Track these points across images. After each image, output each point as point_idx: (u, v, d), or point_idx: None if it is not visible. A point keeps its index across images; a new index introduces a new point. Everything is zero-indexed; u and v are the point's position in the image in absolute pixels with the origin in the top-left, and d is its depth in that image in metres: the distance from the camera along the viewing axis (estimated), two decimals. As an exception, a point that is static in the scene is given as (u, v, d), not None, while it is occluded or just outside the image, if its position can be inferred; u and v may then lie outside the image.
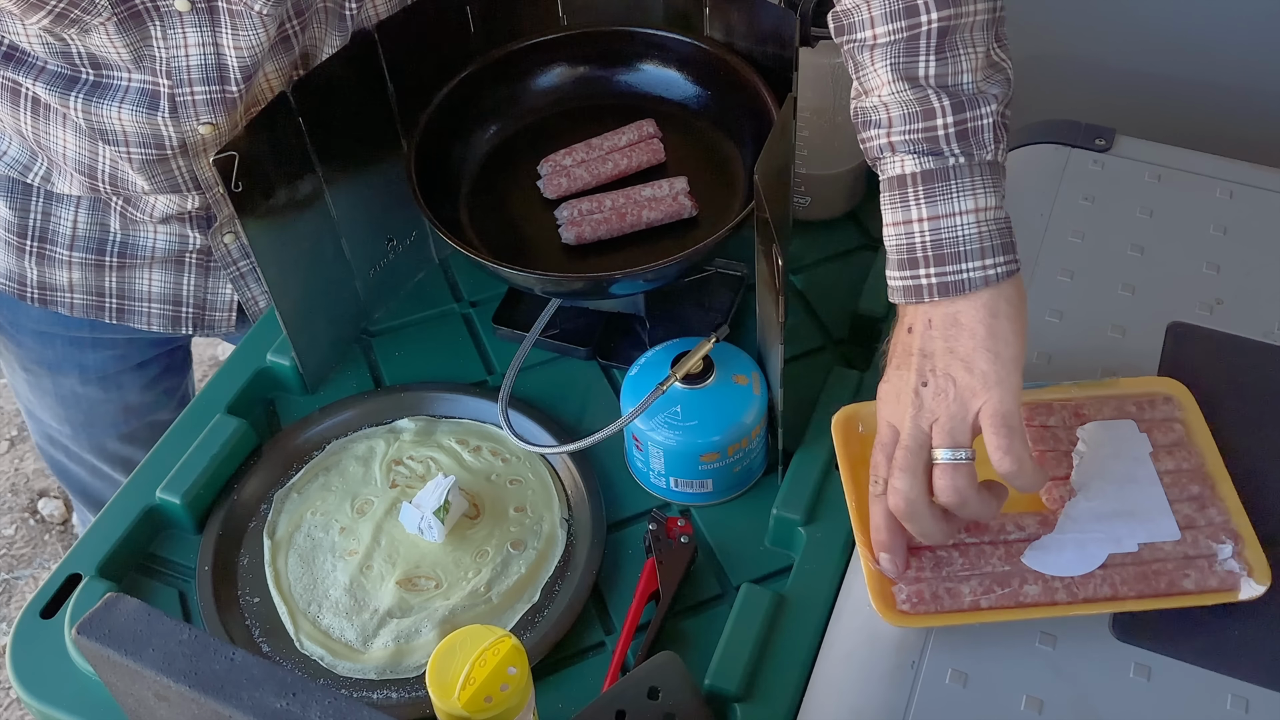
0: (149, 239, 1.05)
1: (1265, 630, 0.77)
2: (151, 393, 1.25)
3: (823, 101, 1.05)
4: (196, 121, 0.92)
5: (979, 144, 0.76)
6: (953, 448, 0.74)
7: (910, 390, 0.75)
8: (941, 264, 0.75)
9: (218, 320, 1.12)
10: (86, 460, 1.32)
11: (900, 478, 0.74)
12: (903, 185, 0.76)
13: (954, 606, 0.77)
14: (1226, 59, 1.24)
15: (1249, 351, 0.91)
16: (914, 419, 0.75)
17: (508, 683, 0.65)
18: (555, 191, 1.00)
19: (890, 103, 0.77)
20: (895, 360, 0.78)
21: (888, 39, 0.76)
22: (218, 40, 0.89)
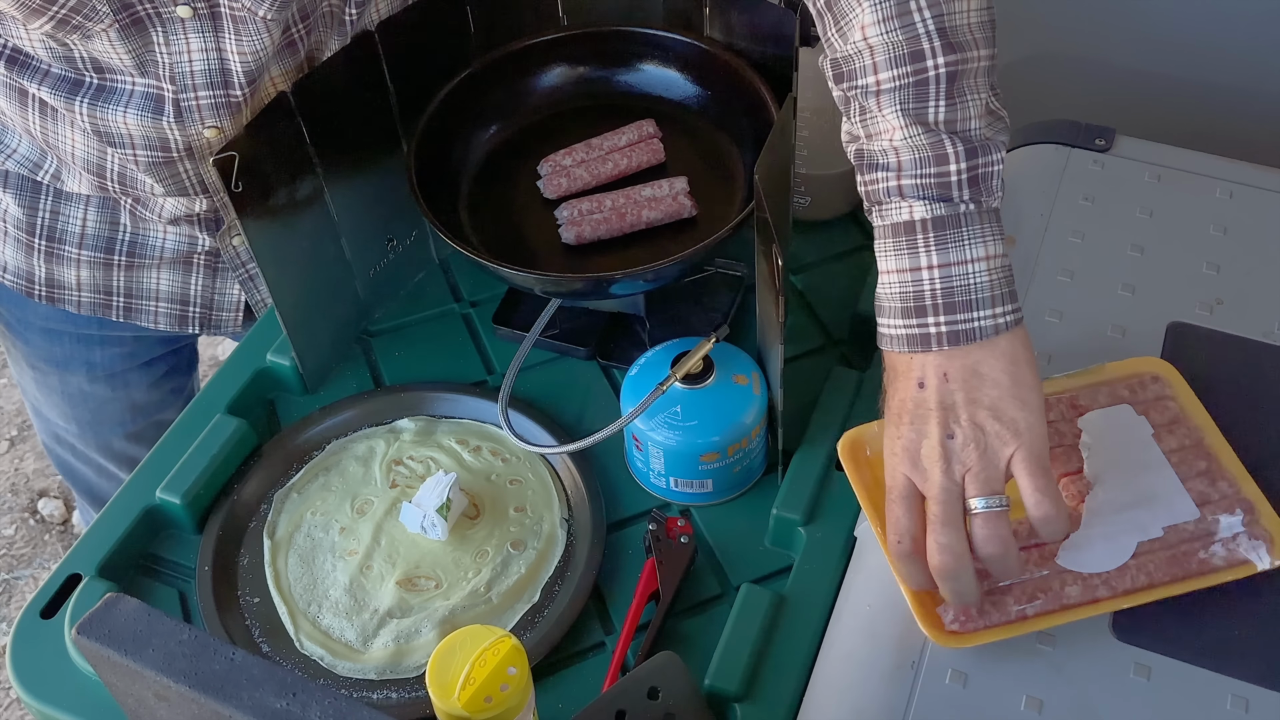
0: (158, 239, 1.05)
1: (1265, 630, 0.77)
2: (158, 391, 1.25)
3: (823, 101, 1.04)
4: (202, 125, 0.93)
5: (988, 190, 0.75)
6: (989, 495, 0.72)
7: (935, 444, 0.73)
8: (952, 312, 0.74)
9: (225, 320, 1.12)
10: (93, 459, 1.32)
11: (944, 533, 0.73)
12: (910, 231, 0.75)
13: (1002, 620, 0.76)
14: (1226, 59, 1.24)
15: (1249, 351, 0.91)
16: (944, 471, 0.73)
17: (508, 683, 0.65)
18: (555, 191, 1.00)
19: (901, 147, 0.75)
20: (905, 416, 0.75)
21: (893, 84, 0.75)
22: (220, 45, 0.89)
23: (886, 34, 0.75)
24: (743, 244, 0.92)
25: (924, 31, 0.74)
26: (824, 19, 0.79)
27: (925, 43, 0.74)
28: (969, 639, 0.75)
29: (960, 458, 0.73)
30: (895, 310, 0.76)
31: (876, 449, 0.83)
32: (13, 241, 1.05)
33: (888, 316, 0.76)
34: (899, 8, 0.75)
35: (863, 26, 0.76)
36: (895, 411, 0.76)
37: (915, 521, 0.74)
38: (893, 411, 0.76)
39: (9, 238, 1.05)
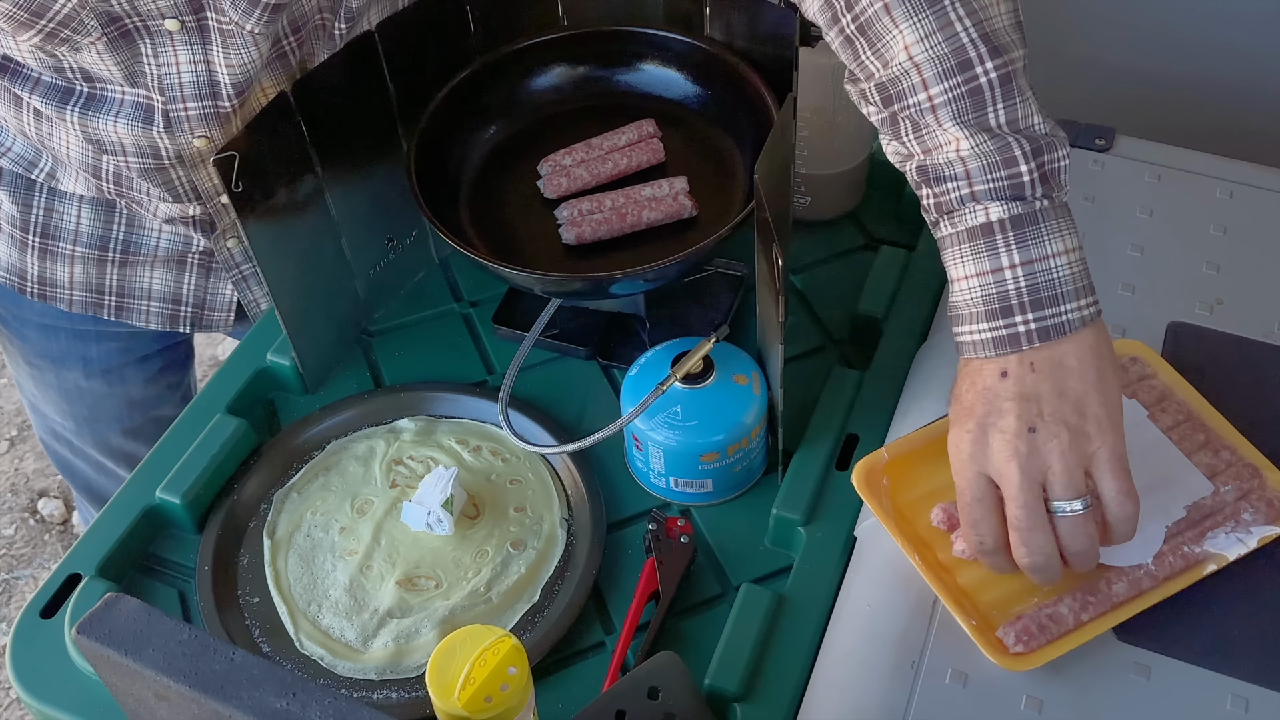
0: (153, 237, 1.05)
1: (1265, 630, 0.77)
2: (155, 387, 1.25)
3: (823, 101, 1.04)
4: (191, 135, 0.93)
5: (1059, 185, 0.74)
6: (1075, 498, 0.72)
7: (1011, 438, 0.72)
8: (1040, 308, 0.72)
9: (216, 320, 1.12)
10: (90, 456, 1.33)
11: (1032, 537, 0.73)
12: (989, 233, 0.74)
13: (1062, 631, 0.76)
14: (1226, 58, 1.24)
15: (1249, 351, 0.91)
16: (1023, 470, 0.72)
17: (508, 683, 0.65)
18: (555, 191, 1.00)
19: (968, 156, 0.74)
20: (977, 407, 0.74)
21: (947, 97, 0.74)
22: (209, 58, 0.89)
23: (931, 49, 0.74)
24: (743, 244, 0.92)
25: (968, 40, 0.73)
26: (855, 44, 0.78)
27: (971, 50, 0.73)
28: (1035, 658, 0.75)
29: (1042, 455, 0.72)
30: (978, 315, 0.74)
31: (893, 476, 0.83)
32: (6, 238, 1.05)
33: (969, 323, 0.75)
34: (939, 20, 0.74)
35: (905, 46, 0.74)
36: (968, 405, 0.74)
37: (997, 520, 0.74)
38: (964, 405, 0.75)
39: (3, 234, 1.05)
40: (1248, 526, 0.79)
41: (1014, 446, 0.72)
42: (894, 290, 1.02)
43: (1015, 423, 0.72)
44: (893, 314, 1.00)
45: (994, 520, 0.74)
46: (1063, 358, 0.73)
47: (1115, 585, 0.77)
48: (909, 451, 0.85)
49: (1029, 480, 0.72)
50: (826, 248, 1.11)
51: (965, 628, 0.76)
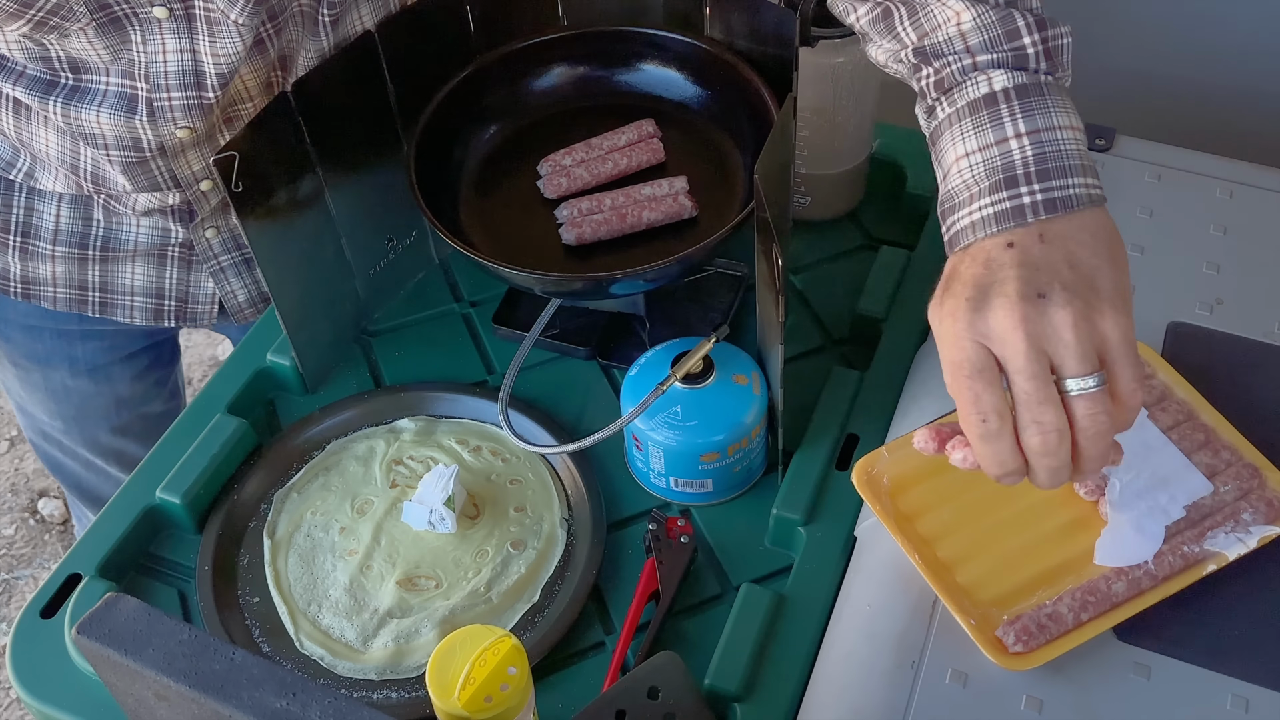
0: (131, 231, 1.05)
1: (1265, 630, 0.77)
2: (142, 384, 1.25)
3: (823, 101, 1.05)
4: (174, 126, 0.93)
5: (1062, 65, 0.72)
6: (1088, 374, 0.64)
7: (1017, 299, 0.64)
8: (1046, 179, 0.67)
9: (200, 313, 1.12)
10: (80, 454, 1.33)
11: (1047, 411, 0.64)
12: (993, 103, 0.70)
13: (1061, 630, 0.76)
14: (1226, 59, 1.24)
15: (1249, 351, 0.91)
16: (1030, 337, 0.64)
17: (508, 683, 0.65)
18: (555, 191, 1.00)
19: (969, 30, 0.71)
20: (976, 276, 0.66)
21: None
22: (195, 47, 0.89)
23: None
24: (743, 244, 0.92)
25: None
26: None
27: None
28: (1035, 657, 0.75)
29: (1052, 324, 0.64)
30: (980, 192, 0.69)
31: (893, 475, 0.83)
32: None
33: (966, 206, 0.69)
34: None
35: None
36: (965, 276, 0.67)
37: (1000, 394, 0.65)
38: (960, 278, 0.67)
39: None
40: (1247, 526, 0.79)
41: (1021, 311, 0.64)
42: (894, 290, 1.02)
43: (1022, 287, 0.64)
44: (893, 314, 1.00)
45: (998, 394, 0.65)
46: (1074, 232, 0.66)
47: (1115, 585, 0.77)
48: (909, 450, 0.85)
49: (1036, 349, 0.64)
50: (826, 248, 1.11)
51: (965, 627, 0.76)
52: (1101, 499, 0.81)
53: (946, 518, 0.82)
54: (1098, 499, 0.82)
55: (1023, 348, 0.64)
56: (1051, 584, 0.78)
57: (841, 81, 1.03)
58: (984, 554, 0.80)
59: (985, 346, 0.65)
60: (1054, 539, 0.81)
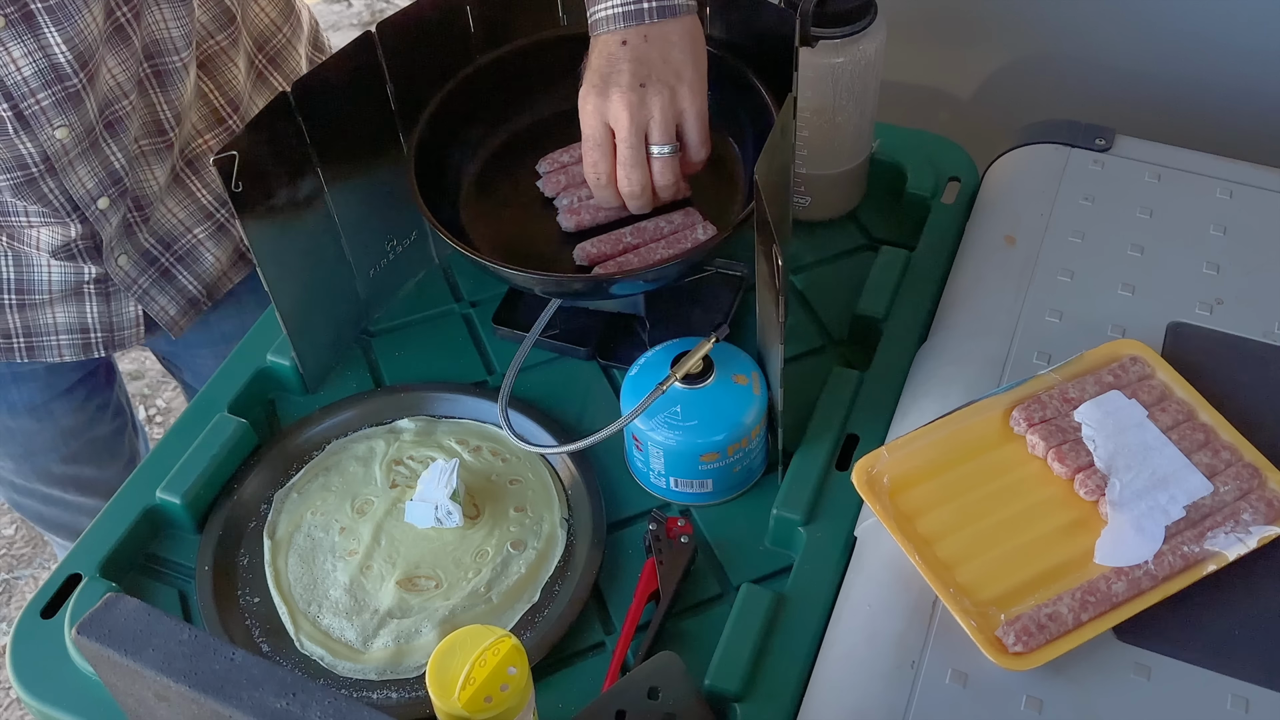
0: (44, 275, 1.04)
1: (1265, 630, 0.77)
2: (84, 413, 1.24)
3: (823, 101, 1.05)
4: (51, 127, 0.92)
5: None
6: (667, 143, 0.89)
7: (626, 89, 0.87)
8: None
9: (126, 338, 1.12)
10: (36, 490, 1.31)
11: (635, 171, 0.90)
12: None
13: (1061, 630, 0.76)
14: (1226, 58, 1.24)
15: (1249, 351, 0.91)
16: (633, 116, 0.87)
17: (508, 683, 0.65)
18: (554, 189, 1.00)
19: None
20: (602, 68, 0.88)
21: None
22: (43, 43, 0.88)
23: None
24: (743, 244, 0.92)
25: None
26: None
27: None
28: (1035, 657, 0.75)
29: (648, 106, 0.87)
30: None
31: (893, 475, 0.83)
32: None
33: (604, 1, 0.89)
34: None
35: None
36: (595, 68, 0.89)
37: (609, 162, 0.90)
38: (593, 69, 0.89)
39: None
40: (1247, 526, 0.79)
41: (628, 98, 0.87)
42: (894, 290, 1.02)
43: (630, 79, 0.87)
44: (893, 314, 1.00)
45: (608, 161, 0.90)
46: (669, 34, 0.88)
47: (1115, 585, 0.77)
48: (909, 450, 0.85)
49: (636, 125, 0.88)
50: (826, 248, 1.11)
51: (965, 627, 0.76)
52: (1101, 499, 0.81)
53: (946, 518, 0.82)
54: (1098, 499, 0.82)
55: (626, 123, 0.88)
56: (1051, 584, 0.78)
57: (841, 81, 1.03)
58: (984, 554, 0.80)
59: (606, 124, 0.89)
60: (1054, 539, 0.81)
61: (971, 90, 1.35)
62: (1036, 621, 0.76)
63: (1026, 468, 0.84)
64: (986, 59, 1.33)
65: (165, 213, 1.07)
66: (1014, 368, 0.91)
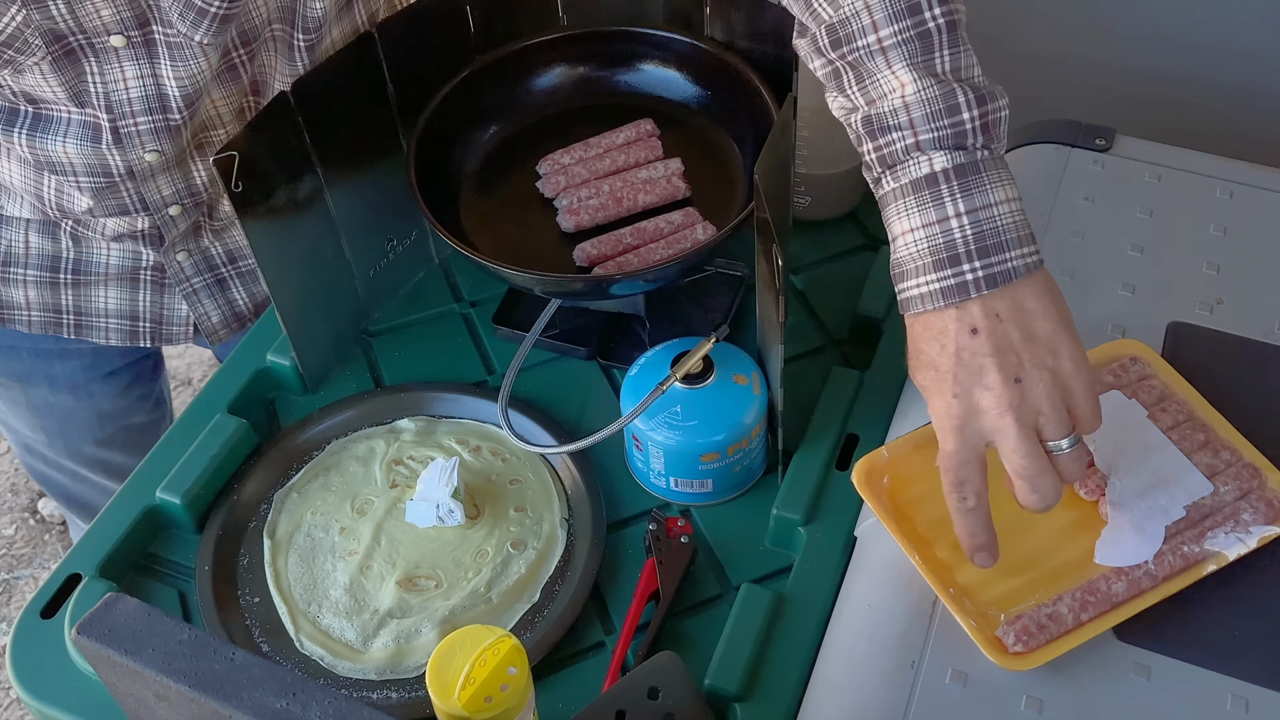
0: (102, 256, 1.05)
1: (1265, 630, 0.77)
2: (125, 399, 1.25)
3: (823, 101, 1.04)
4: (142, 150, 0.92)
5: (998, 137, 0.75)
6: (1065, 435, 0.74)
7: (1000, 393, 0.72)
8: (986, 255, 0.73)
9: (175, 334, 1.12)
10: (65, 466, 1.32)
11: (1045, 480, 0.73)
12: (933, 183, 0.74)
13: (1061, 630, 0.76)
14: (1226, 58, 1.24)
15: (1249, 351, 0.91)
16: (1019, 420, 0.72)
17: (508, 683, 0.65)
18: (554, 190, 1.00)
19: (913, 102, 0.74)
20: (956, 369, 0.73)
21: (896, 38, 0.75)
22: (156, 72, 0.89)
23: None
24: (743, 244, 0.92)
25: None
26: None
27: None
28: (1035, 657, 0.75)
29: (1031, 402, 0.72)
30: (924, 267, 0.74)
31: (893, 475, 0.83)
32: None
33: (914, 277, 0.74)
34: None
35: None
36: (943, 368, 0.74)
37: (982, 478, 0.75)
38: (939, 369, 0.74)
39: None
40: (1248, 526, 0.79)
41: (1005, 400, 0.72)
42: (894, 290, 1.02)
43: (1000, 376, 0.72)
44: (893, 314, 1.00)
45: (981, 478, 0.75)
46: (1022, 301, 0.73)
47: (1115, 585, 0.77)
48: (909, 450, 0.85)
49: (1025, 428, 0.73)
50: (826, 248, 1.11)
51: (965, 627, 0.76)
52: (1101, 499, 0.81)
53: (946, 517, 0.82)
54: (1098, 499, 0.82)
55: (1013, 431, 0.73)
56: (1051, 584, 0.78)
57: (841, 81, 1.03)
58: None
59: (977, 435, 0.74)
60: (1054, 539, 0.81)
61: (971, 90, 1.34)
62: (1037, 621, 0.76)
63: None
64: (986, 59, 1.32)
65: (240, 233, 1.07)
66: (1014, 368, 0.91)
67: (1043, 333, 0.73)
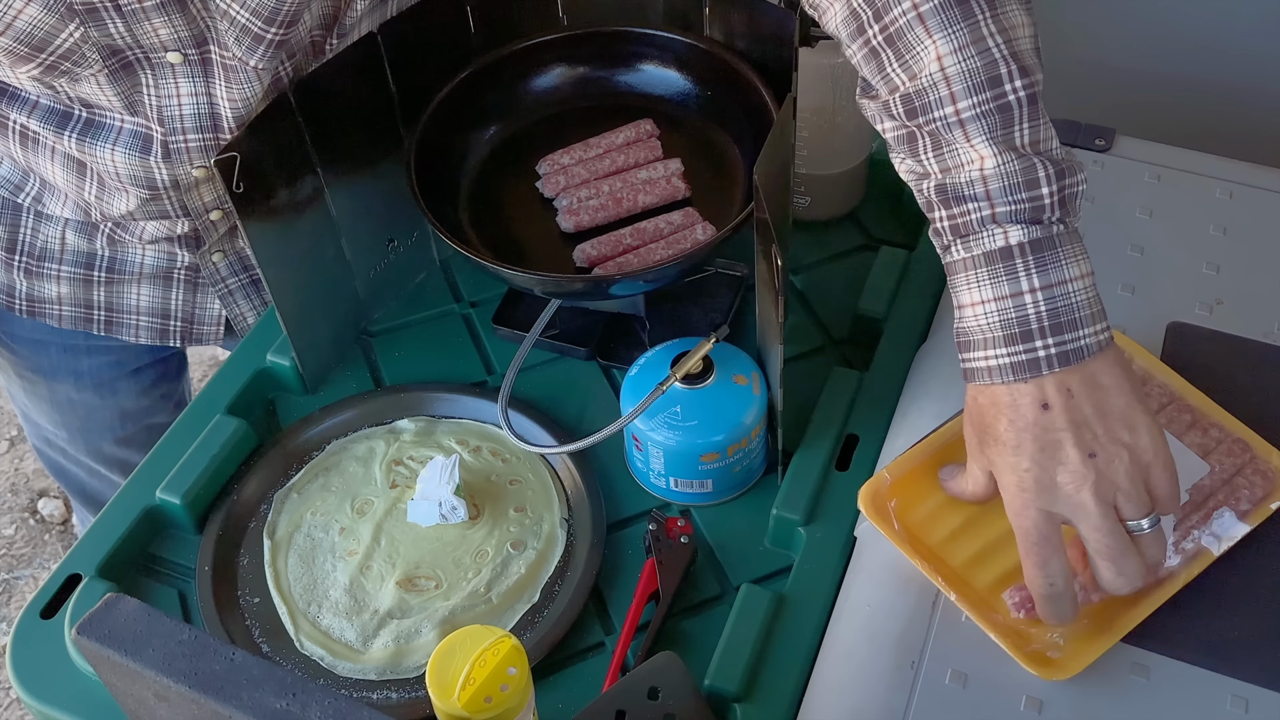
0: (137, 256, 1.05)
1: (1265, 630, 0.77)
2: (148, 398, 1.25)
3: (823, 101, 1.05)
4: (190, 166, 0.93)
5: (1074, 210, 0.74)
6: (1146, 515, 0.73)
7: (1077, 468, 0.71)
8: (1059, 333, 0.71)
9: (205, 334, 1.12)
10: (84, 463, 1.33)
11: (1129, 562, 0.72)
12: (1009, 257, 0.72)
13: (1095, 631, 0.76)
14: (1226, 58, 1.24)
15: (1249, 351, 0.91)
16: (1098, 496, 0.71)
17: (508, 683, 0.65)
18: (554, 190, 1.00)
19: (991, 175, 0.72)
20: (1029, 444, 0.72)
21: (974, 111, 0.73)
22: (210, 91, 0.89)
23: (963, 61, 0.72)
24: (743, 244, 0.92)
25: (999, 56, 0.72)
26: (881, 56, 0.76)
27: (1002, 67, 0.72)
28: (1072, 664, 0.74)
29: (1108, 479, 0.71)
30: (994, 340, 0.73)
31: (900, 497, 0.82)
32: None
33: (983, 349, 0.73)
34: (972, 34, 0.72)
35: (938, 57, 0.73)
36: (1014, 443, 0.73)
37: (1064, 558, 0.73)
38: (1009, 445, 0.73)
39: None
40: (1249, 501, 0.80)
41: (1083, 475, 0.71)
42: (894, 290, 1.02)
43: (1076, 452, 0.71)
44: (893, 314, 1.00)
45: (1064, 559, 0.73)
46: (1095, 376, 0.72)
47: None
48: (910, 469, 0.84)
49: (1105, 505, 0.71)
50: (826, 248, 1.11)
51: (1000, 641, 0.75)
52: None
53: (957, 532, 0.81)
54: None
55: (1094, 508, 0.71)
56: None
57: (841, 81, 1.03)
58: (999, 564, 0.79)
59: (1050, 513, 0.72)
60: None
61: (971, 90, 1.34)
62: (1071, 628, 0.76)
63: None
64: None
65: None
66: (1014, 368, 0.91)
67: (1116, 408, 0.72)
